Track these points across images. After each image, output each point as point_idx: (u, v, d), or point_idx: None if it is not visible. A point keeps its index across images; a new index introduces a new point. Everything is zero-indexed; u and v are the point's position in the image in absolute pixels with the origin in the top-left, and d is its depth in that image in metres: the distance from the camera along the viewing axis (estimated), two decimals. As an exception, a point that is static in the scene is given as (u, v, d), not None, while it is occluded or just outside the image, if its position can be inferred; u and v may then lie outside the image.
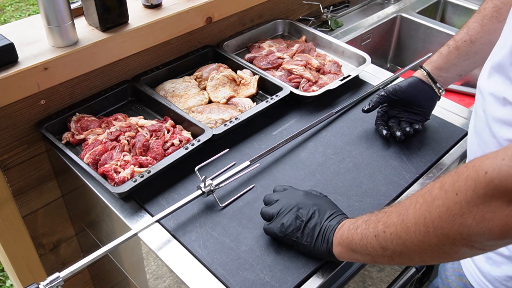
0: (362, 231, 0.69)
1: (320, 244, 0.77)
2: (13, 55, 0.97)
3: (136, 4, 1.20)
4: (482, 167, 0.50)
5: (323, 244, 0.77)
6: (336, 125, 1.15)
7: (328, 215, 0.79)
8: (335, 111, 1.16)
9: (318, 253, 0.79)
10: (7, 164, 1.06)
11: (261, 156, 1.01)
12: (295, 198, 0.83)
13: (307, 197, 0.83)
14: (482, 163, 0.51)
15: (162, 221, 0.90)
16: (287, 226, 0.80)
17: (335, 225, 0.77)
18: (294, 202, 0.81)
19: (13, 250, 1.19)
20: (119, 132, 1.04)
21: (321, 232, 0.77)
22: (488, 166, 0.50)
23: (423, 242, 0.57)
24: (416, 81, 1.05)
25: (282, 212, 0.81)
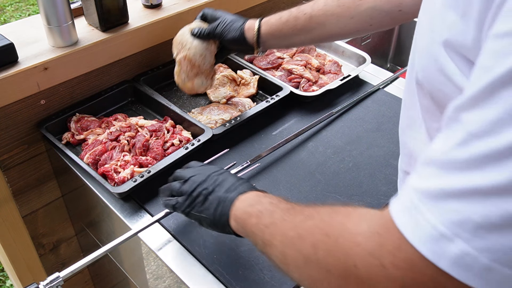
0: (253, 225, 0.63)
1: (219, 216, 0.71)
2: (13, 55, 0.97)
3: (136, 4, 1.20)
4: (352, 258, 0.44)
5: (222, 217, 0.70)
6: (336, 125, 1.15)
7: (228, 185, 0.72)
8: (335, 110, 1.16)
9: (219, 226, 0.72)
10: (7, 164, 1.06)
11: (261, 156, 1.01)
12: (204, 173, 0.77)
13: (212, 171, 0.77)
14: (352, 250, 0.45)
15: (162, 221, 0.90)
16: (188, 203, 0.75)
17: (232, 196, 0.70)
18: (201, 178, 0.76)
19: (13, 250, 1.19)
20: (119, 132, 1.04)
21: (220, 204, 0.71)
22: (357, 258, 0.44)
23: (300, 281, 0.53)
24: (241, 39, 1.01)
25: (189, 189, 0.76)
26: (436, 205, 0.38)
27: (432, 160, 0.40)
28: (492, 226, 0.35)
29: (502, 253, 0.35)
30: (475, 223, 0.35)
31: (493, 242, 0.35)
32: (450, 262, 0.37)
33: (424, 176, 0.40)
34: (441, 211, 0.37)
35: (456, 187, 0.37)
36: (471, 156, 0.36)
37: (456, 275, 0.37)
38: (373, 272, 0.42)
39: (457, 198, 0.37)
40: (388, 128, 1.14)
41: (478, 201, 0.36)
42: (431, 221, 0.38)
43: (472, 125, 0.36)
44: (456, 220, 0.36)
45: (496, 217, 0.35)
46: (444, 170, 0.38)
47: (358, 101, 1.21)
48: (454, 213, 0.37)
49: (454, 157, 0.38)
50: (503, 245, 0.35)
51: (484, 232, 0.35)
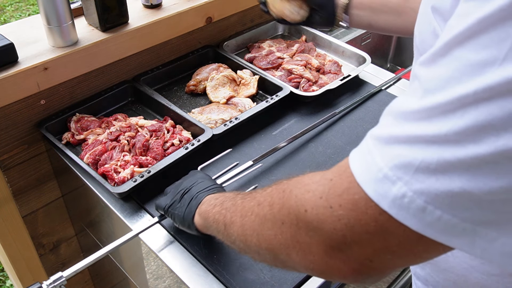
0: (215, 213, 0.66)
1: (187, 214, 0.74)
2: (13, 55, 0.97)
3: (136, 4, 1.20)
4: (303, 202, 0.47)
5: (189, 214, 0.74)
6: (336, 125, 1.15)
7: (203, 187, 0.76)
8: (338, 111, 1.16)
9: (186, 224, 0.75)
10: (7, 164, 1.06)
11: (264, 156, 1.01)
12: (189, 177, 0.82)
13: (198, 176, 0.81)
14: (303, 196, 0.47)
15: (162, 221, 0.90)
16: (165, 204, 0.79)
17: (202, 196, 0.74)
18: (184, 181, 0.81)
19: (13, 250, 1.19)
20: (119, 132, 1.04)
21: (190, 202, 0.74)
22: (307, 203, 0.46)
23: (259, 253, 0.55)
24: None
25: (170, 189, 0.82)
26: (385, 149, 0.41)
27: (390, 110, 0.43)
28: (430, 171, 0.38)
29: (435, 195, 0.38)
30: (415, 167, 0.38)
31: (429, 186, 0.38)
32: (390, 202, 0.40)
33: (382, 125, 0.43)
34: (389, 155, 0.40)
35: (405, 134, 0.40)
36: (421, 108, 0.39)
37: (394, 214, 0.40)
38: (321, 213, 0.45)
39: (404, 144, 0.40)
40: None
41: (421, 148, 0.38)
42: (378, 164, 0.41)
43: (426, 81, 0.40)
44: (399, 164, 0.39)
45: (434, 163, 0.38)
46: (397, 119, 0.41)
47: (361, 101, 1.21)
48: (399, 157, 0.40)
49: (407, 108, 0.40)
50: (437, 189, 0.38)
51: (423, 176, 0.38)
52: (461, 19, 0.37)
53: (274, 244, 0.51)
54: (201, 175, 0.82)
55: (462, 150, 0.36)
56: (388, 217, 0.40)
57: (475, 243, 0.39)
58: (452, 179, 0.37)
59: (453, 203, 0.38)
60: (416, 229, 0.39)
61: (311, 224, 0.46)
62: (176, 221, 0.79)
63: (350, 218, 0.43)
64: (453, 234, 0.39)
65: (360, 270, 0.45)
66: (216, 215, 0.66)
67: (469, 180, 0.36)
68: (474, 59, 0.36)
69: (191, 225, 0.74)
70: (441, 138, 0.37)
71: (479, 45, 0.35)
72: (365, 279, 0.47)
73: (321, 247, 0.46)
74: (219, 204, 0.67)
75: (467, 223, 0.38)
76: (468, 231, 0.39)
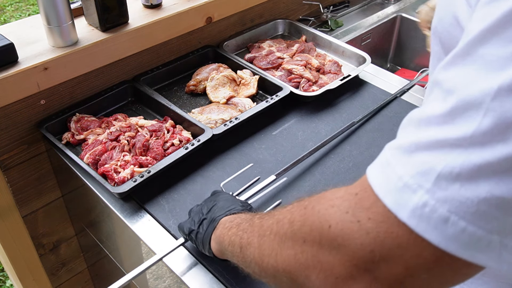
0: (231, 235, 0.63)
1: (205, 239, 0.72)
2: (13, 55, 0.97)
3: (136, 4, 1.20)
4: (326, 218, 0.43)
5: (206, 240, 0.72)
6: (336, 125, 1.15)
7: (222, 211, 0.72)
8: (356, 120, 1.13)
9: (206, 250, 0.73)
10: (7, 164, 1.06)
11: (286, 170, 0.97)
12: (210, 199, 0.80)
13: (217, 198, 0.79)
14: (327, 212, 0.43)
15: (162, 221, 0.90)
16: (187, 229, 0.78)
17: (219, 218, 0.71)
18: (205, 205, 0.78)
19: (13, 250, 1.19)
20: (119, 132, 1.04)
21: (209, 227, 0.72)
22: (332, 218, 0.43)
23: (275, 277, 0.51)
24: None
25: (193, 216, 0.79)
26: (406, 158, 0.38)
27: (410, 120, 0.41)
28: (454, 176, 0.35)
29: (459, 203, 0.35)
30: (438, 173, 0.36)
31: (453, 193, 0.35)
32: (410, 212, 0.37)
33: (401, 136, 0.41)
34: (410, 163, 0.38)
35: (426, 140, 0.37)
36: (444, 111, 0.37)
37: (414, 226, 0.37)
38: (348, 228, 0.41)
39: (426, 150, 0.37)
40: (388, 128, 1.14)
41: (445, 153, 0.36)
42: (398, 173, 0.38)
43: (448, 82, 0.37)
44: (421, 171, 0.36)
45: (459, 167, 0.35)
46: (418, 127, 0.39)
47: (378, 109, 1.19)
48: (421, 164, 0.37)
49: (428, 114, 0.38)
50: (462, 196, 0.35)
51: (446, 182, 0.35)
52: (482, 19, 0.36)
53: (293, 265, 0.47)
54: (222, 196, 0.79)
55: (490, 151, 0.34)
56: (407, 229, 0.37)
57: (501, 257, 0.36)
58: (478, 184, 0.34)
59: (479, 212, 0.35)
60: (436, 243, 0.36)
61: (335, 241, 0.42)
62: (199, 247, 0.77)
63: (379, 231, 0.39)
64: (478, 248, 0.36)
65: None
66: (232, 237, 0.63)
67: (497, 184, 0.34)
68: (501, 54, 0.34)
69: (209, 250, 0.73)
70: (467, 140, 0.35)
71: (505, 39, 0.34)
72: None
73: (345, 267, 0.41)
74: (235, 226, 0.64)
75: (494, 235, 0.35)
76: (495, 244, 0.36)
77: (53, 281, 1.36)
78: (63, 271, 1.36)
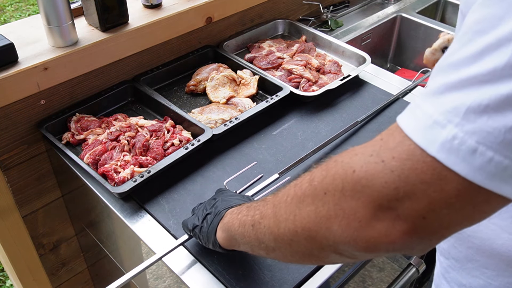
0: (241, 217, 0.63)
1: (210, 232, 0.72)
2: (13, 55, 0.97)
3: (136, 4, 1.20)
4: (351, 165, 0.44)
5: (211, 232, 0.71)
6: (336, 125, 1.15)
7: (226, 204, 0.73)
8: (360, 119, 1.14)
9: (211, 243, 0.73)
10: (7, 164, 1.06)
11: (289, 168, 0.98)
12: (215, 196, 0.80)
13: (221, 194, 0.79)
14: (351, 159, 0.45)
15: (162, 221, 0.90)
16: (191, 224, 0.78)
17: (224, 211, 0.71)
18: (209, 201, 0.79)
19: (13, 250, 1.19)
20: (119, 132, 1.04)
21: (213, 220, 0.72)
22: (356, 163, 0.44)
23: (292, 241, 0.51)
24: None
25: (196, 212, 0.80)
26: (435, 99, 0.39)
27: (439, 67, 0.41)
28: (483, 109, 0.36)
29: (487, 133, 0.36)
30: (467, 107, 0.37)
31: (481, 125, 0.36)
32: (439, 146, 0.38)
33: (431, 82, 0.41)
34: (439, 102, 0.39)
35: (457, 79, 0.38)
36: (474, 51, 0.38)
37: (443, 159, 0.38)
38: (372, 168, 0.42)
39: (456, 89, 0.38)
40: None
41: (474, 87, 0.37)
42: (427, 112, 0.39)
43: (476, 23, 0.38)
44: (451, 107, 0.38)
45: (487, 99, 0.36)
46: (447, 71, 0.40)
47: (382, 109, 1.19)
48: (451, 102, 0.38)
49: (458, 57, 0.39)
50: (490, 126, 0.36)
51: (475, 115, 0.36)
52: None
53: (312, 220, 0.47)
54: (226, 193, 0.79)
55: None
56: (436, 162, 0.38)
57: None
58: (506, 114, 0.35)
59: (506, 141, 0.36)
60: (464, 174, 0.37)
61: (358, 184, 0.43)
62: (202, 241, 0.77)
63: (404, 168, 0.40)
64: (504, 178, 0.37)
65: (411, 231, 0.41)
66: (243, 218, 0.63)
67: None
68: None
69: (214, 242, 0.72)
70: (497, 74, 0.36)
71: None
72: (415, 244, 0.42)
73: (368, 209, 0.42)
74: (244, 209, 0.65)
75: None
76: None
77: (53, 281, 1.36)
78: (63, 271, 1.36)
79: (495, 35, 0.36)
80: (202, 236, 0.75)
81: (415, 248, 0.43)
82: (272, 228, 0.54)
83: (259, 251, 0.59)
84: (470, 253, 0.69)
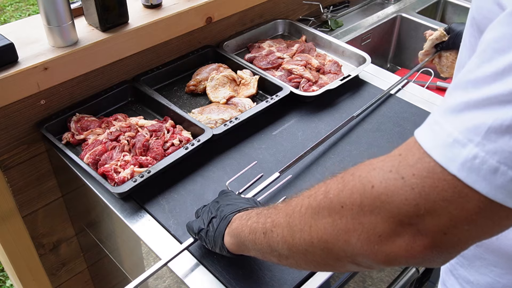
0: (252, 224, 0.63)
1: (217, 237, 0.72)
2: (13, 55, 0.97)
3: (136, 4, 1.20)
4: (369, 179, 0.44)
5: (219, 237, 0.71)
6: (336, 125, 1.15)
7: (232, 209, 0.73)
8: (355, 114, 1.14)
9: (218, 247, 0.73)
10: (7, 164, 1.06)
11: (289, 166, 0.98)
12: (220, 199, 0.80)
13: (225, 197, 0.79)
14: (369, 174, 0.45)
15: (162, 221, 0.90)
16: (197, 228, 0.78)
17: (231, 215, 0.71)
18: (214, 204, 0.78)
19: (13, 250, 1.19)
20: (119, 132, 1.04)
21: (220, 225, 0.72)
22: (374, 178, 0.44)
23: (307, 251, 0.51)
24: None
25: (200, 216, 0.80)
26: (455, 117, 0.39)
27: (457, 82, 0.41)
28: (505, 129, 0.36)
29: (509, 153, 0.36)
30: (488, 127, 0.37)
31: (503, 145, 0.37)
32: (459, 165, 0.38)
33: (449, 98, 0.41)
34: (459, 120, 0.39)
35: (477, 98, 0.38)
36: (493, 71, 0.38)
37: (464, 177, 0.38)
38: (392, 185, 0.42)
39: (476, 107, 0.38)
40: (388, 128, 1.14)
41: (495, 107, 0.37)
42: (447, 130, 0.39)
43: (496, 41, 0.38)
44: (471, 126, 0.38)
45: (510, 120, 0.36)
46: (466, 89, 0.40)
47: (374, 103, 1.19)
48: (471, 120, 0.38)
49: (477, 75, 0.39)
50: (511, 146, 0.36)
51: (496, 135, 0.37)
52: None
53: (329, 232, 0.47)
54: (231, 196, 0.79)
55: None
56: (457, 181, 0.38)
57: None
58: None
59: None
60: (485, 193, 0.38)
61: (378, 199, 0.43)
62: (209, 245, 0.77)
63: (425, 185, 0.40)
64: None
65: (432, 246, 0.41)
66: (253, 225, 0.63)
67: None
68: None
69: (222, 247, 0.72)
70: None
71: None
72: (435, 257, 0.43)
73: (389, 223, 0.42)
74: (254, 215, 0.64)
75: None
76: None
77: (53, 281, 1.36)
78: (63, 271, 1.36)
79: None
80: (208, 240, 0.75)
81: (435, 261, 0.44)
82: (286, 237, 0.54)
83: (271, 258, 0.60)
84: (479, 251, 0.69)
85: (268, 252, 0.59)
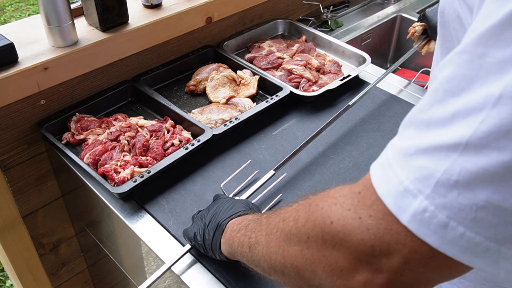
0: (240, 236, 0.65)
1: (214, 245, 0.73)
2: (13, 55, 0.97)
3: (136, 4, 1.20)
4: (329, 214, 0.44)
5: (215, 245, 0.73)
6: (336, 125, 1.15)
7: (226, 215, 0.73)
8: (351, 103, 1.13)
9: (216, 255, 0.74)
10: (7, 164, 1.06)
11: (283, 163, 0.98)
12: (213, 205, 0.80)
13: (219, 203, 0.79)
14: (330, 209, 0.45)
15: (162, 222, 0.90)
16: (192, 235, 0.78)
17: (226, 222, 0.72)
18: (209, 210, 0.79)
19: (13, 250, 1.19)
20: (119, 132, 1.04)
21: (216, 233, 0.73)
22: (334, 214, 0.44)
23: (283, 273, 0.52)
24: None
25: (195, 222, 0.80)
26: (406, 162, 0.39)
27: (410, 119, 0.41)
28: (452, 183, 0.36)
29: (458, 210, 0.36)
30: (436, 180, 0.36)
31: (451, 200, 0.36)
32: (410, 217, 0.38)
33: (402, 136, 0.41)
34: (410, 167, 0.38)
35: (425, 143, 0.37)
36: (444, 115, 0.37)
37: (415, 230, 0.38)
38: (349, 224, 0.42)
39: (425, 155, 0.37)
40: (388, 128, 1.14)
41: (442, 158, 0.36)
42: (399, 177, 0.39)
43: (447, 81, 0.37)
44: (421, 176, 0.37)
45: (456, 174, 0.35)
46: (419, 129, 0.39)
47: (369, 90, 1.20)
48: (420, 169, 0.37)
49: (430, 116, 0.38)
50: (460, 203, 0.35)
51: (444, 189, 0.36)
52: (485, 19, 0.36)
53: (299, 260, 0.48)
54: (224, 200, 0.79)
55: (485, 159, 0.34)
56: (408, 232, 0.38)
57: (499, 264, 0.37)
58: (476, 192, 0.35)
59: (477, 219, 0.35)
60: (436, 247, 0.37)
61: (337, 237, 0.43)
62: (208, 253, 0.78)
63: (380, 227, 0.40)
64: (476, 253, 0.36)
65: (390, 285, 0.41)
66: (241, 237, 0.64)
67: (493, 193, 0.34)
68: (501, 56, 0.34)
69: (220, 255, 0.73)
70: (463, 146, 0.35)
71: (505, 42, 0.34)
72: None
73: (348, 260, 0.43)
74: (243, 227, 0.65)
75: (492, 243, 0.36)
76: (492, 250, 0.36)
77: (53, 281, 1.36)
78: (63, 271, 1.36)
79: (465, 101, 0.35)
80: (207, 249, 0.76)
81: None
82: (265, 256, 0.56)
83: (258, 270, 0.61)
84: None
85: (254, 265, 0.61)
